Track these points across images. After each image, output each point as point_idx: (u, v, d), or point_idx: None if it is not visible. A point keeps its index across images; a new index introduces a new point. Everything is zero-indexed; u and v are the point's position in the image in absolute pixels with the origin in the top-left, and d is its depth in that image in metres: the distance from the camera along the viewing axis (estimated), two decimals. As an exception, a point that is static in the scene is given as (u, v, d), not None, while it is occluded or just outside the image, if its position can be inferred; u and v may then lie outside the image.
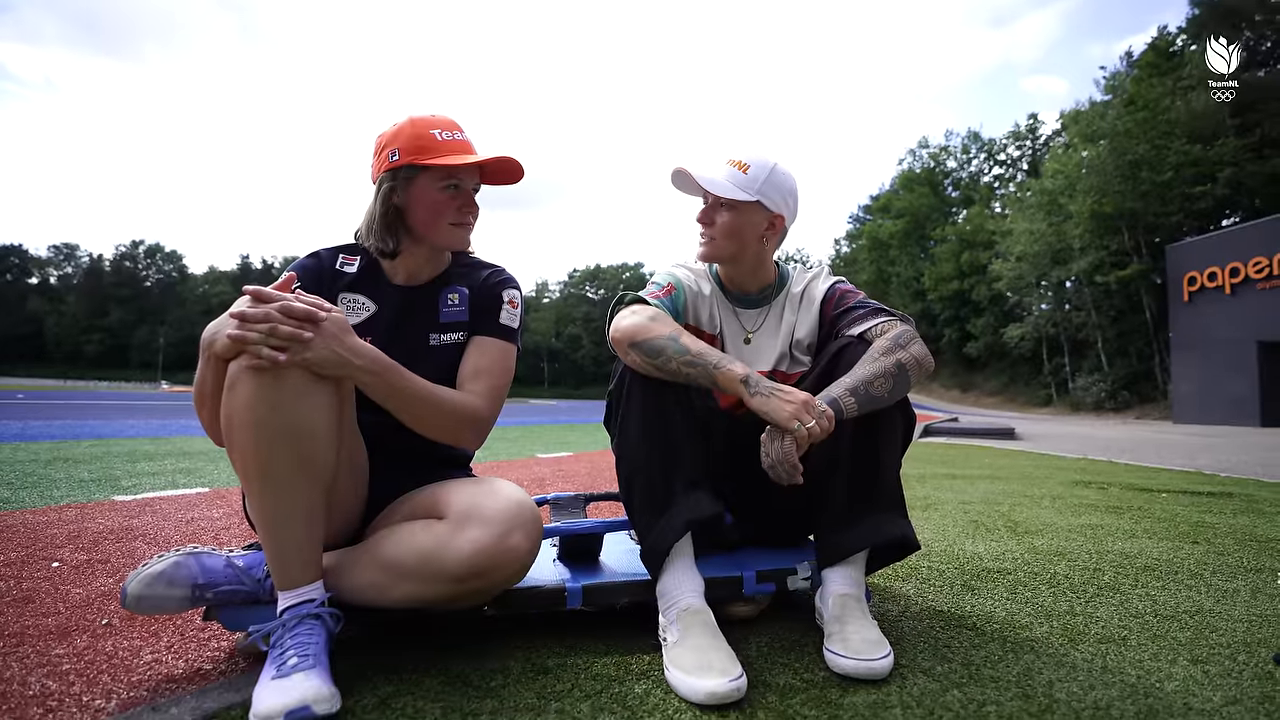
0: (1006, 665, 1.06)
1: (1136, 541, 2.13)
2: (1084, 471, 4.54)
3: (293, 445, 0.93)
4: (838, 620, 1.08)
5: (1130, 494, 3.34)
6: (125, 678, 0.98)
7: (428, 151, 1.15)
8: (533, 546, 1.00)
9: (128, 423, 7.54)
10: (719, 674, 0.92)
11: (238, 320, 0.91)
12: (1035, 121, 51.11)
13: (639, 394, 1.14)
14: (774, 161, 1.29)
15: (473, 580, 0.96)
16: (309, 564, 0.97)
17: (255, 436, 0.92)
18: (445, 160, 1.14)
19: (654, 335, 1.12)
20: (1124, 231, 30.86)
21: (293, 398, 0.93)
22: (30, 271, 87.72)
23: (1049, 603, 1.43)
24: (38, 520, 2.12)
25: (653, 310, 1.19)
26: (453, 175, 1.17)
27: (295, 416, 0.93)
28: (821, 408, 1.05)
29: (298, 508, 0.95)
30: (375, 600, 1.01)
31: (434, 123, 1.17)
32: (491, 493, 1.02)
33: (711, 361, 1.10)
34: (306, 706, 0.81)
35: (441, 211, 1.17)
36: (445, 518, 1.00)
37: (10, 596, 1.34)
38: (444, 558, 0.96)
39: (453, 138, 1.17)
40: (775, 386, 1.08)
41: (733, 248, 1.30)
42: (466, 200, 1.20)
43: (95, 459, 3.92)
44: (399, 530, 1.03)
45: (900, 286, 51.72)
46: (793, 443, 1.04)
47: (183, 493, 2.78)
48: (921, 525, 2.35)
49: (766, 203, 1.27)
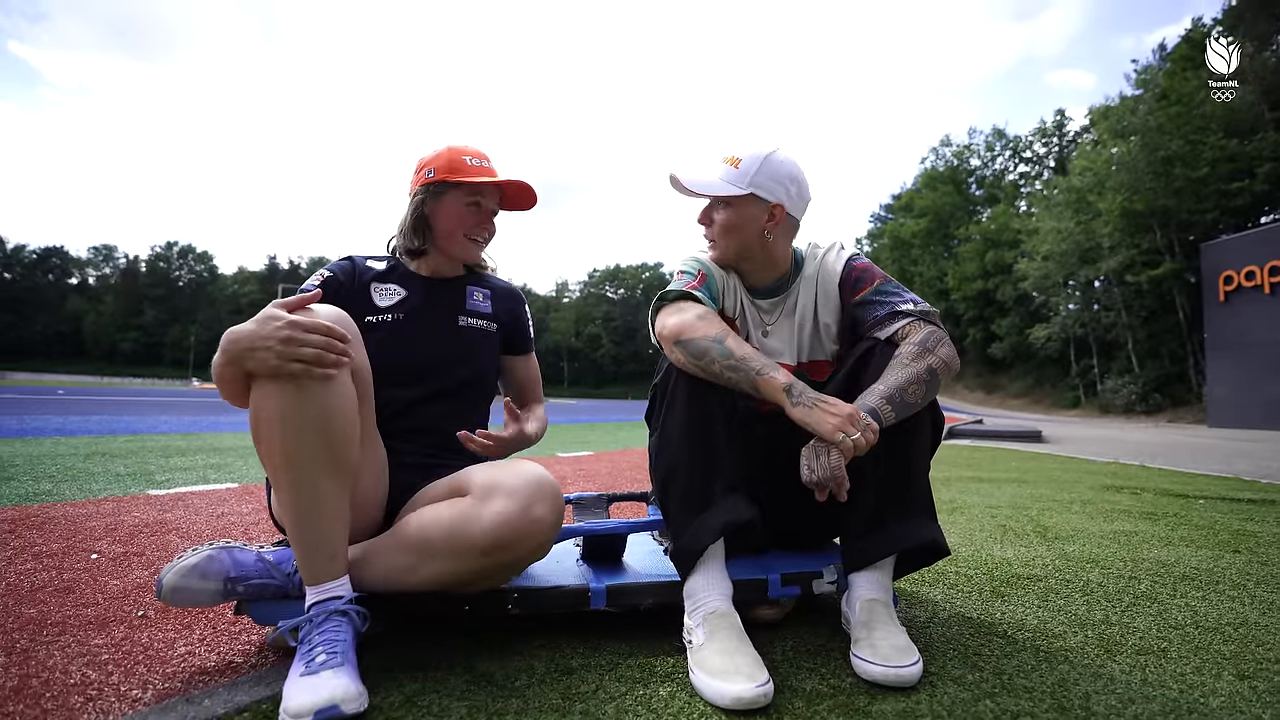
0: (1040, 675, 1.03)
1: (1173, 549, 2.07)
2: (1115, 476, 4.42)
3: (319, 438, 0.96)
4: (865, 626, 1.06)
5: (1165, 500, 3.24)
6: (160, 669, 1.00)
7: (458, 172, 1.32)
8: (556, 519, 1.02)
9: (161, 418, 7.74)
10: (746, 678, 0.91)
11: (285, 345, 0.93)
12: (1062, 118, 50.04)
13: (683, 393, 1.13)
14: (768, 150, 1.24)
15: (498, 553, 0.98)
16: (335, 559, 0.99)
17: (283, 430, 0.94)
18: (470, 179, 1.32)
19: (699, 335, 1.11)
20: (1156, 229, 29.97)
21: (318, 392, 0.96)
22: (70, 272, 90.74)
23: (1083, 611, 1.39)
24: (77, 513, 2.18)
25: (700, 309, 1.17)
26: (475, 193, 1.34)
27: (321, 410, 0.96)
28: (865, 420, 1.03)
29: (324, 502, 0.97)
30: (402, 583, 1.03)
31: (467, 151, 1.36)
32: (512, 468, 1.05)
33: (755, 368, 1.08)
34: (335, 706, 0.82)
35: (461, 224, 1.34)
36: (469, 493, 1.03)
37: (53, 587, 1.39)
38: (470, 530, 0.98)
39: (480, 164, 1.35)
40: (819, 397, 1.05)
41: (735, 245, 1.26)
42: (485, 218, 1.37)
43: (131, 454, 4.03)
44: (424, 511, 1.06)
45: (923, 286, 50.94)
46: (839, 456, 1.02)
47: (214, 488, 2.85)
48: (948, 529, 2.31)
49: (761, 193, 1.22)
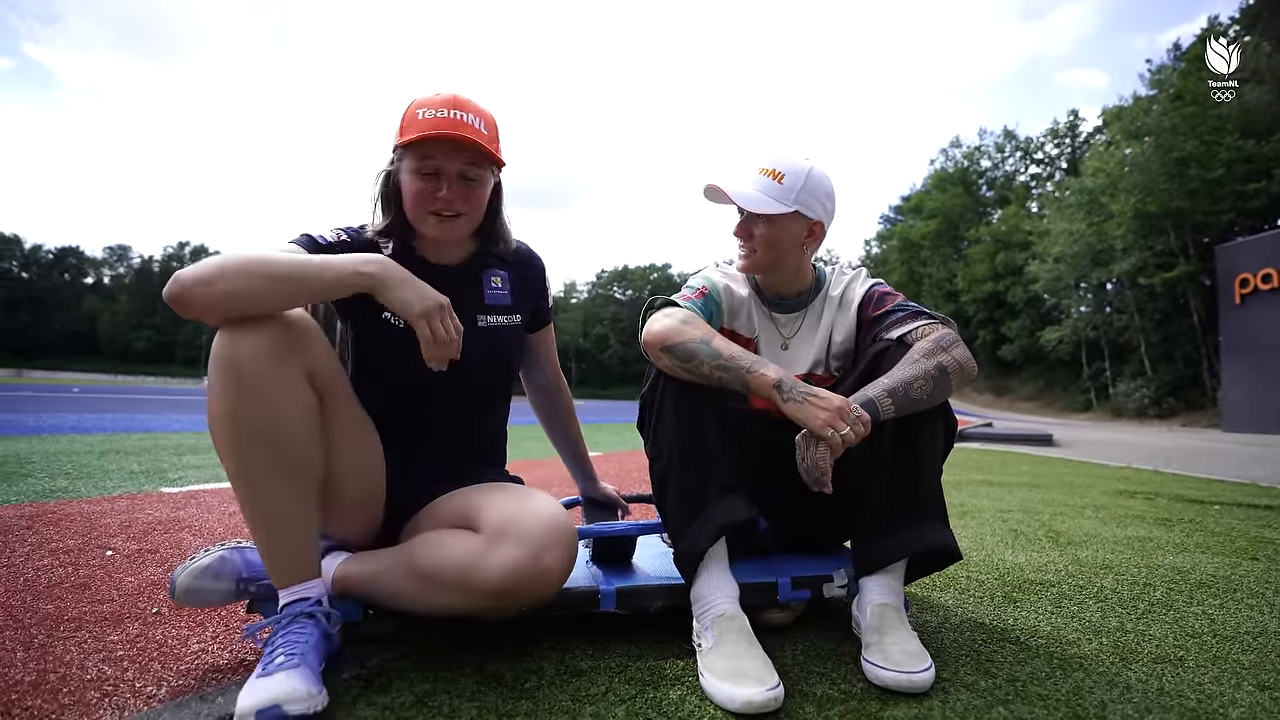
0: (1055, 683, 1.02)
1: (1189, 556, 2.04)
2: (1128, 481, 4.37)
3: (270, 444, 0.92)
4: (876, 630, 1.06)
5: (1180, 505, 3.20)
6: (175, 666, 1.01)
7: (407, 129, 1.06)
8: (566, 567, 0.97)
9: (173, 417, 7.82)
10: (756, 682, 0.91)
11: (441, 311, 0.97)
12: (1075, 118, 49.52)
13: (672, 397, 1.13)
14: (809, 165, 1.24)
15: (505, 598, 0.95)
16: (301, 563, 0.97)
17: (234, 434, 0.91)
18: (414, 136, 1.03)
19: (686, 339, 1.11)
20: (1170, 231, 29.60)
21: (254, 401, 0.90)
22: (86, 272, 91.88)
23: (1097, 618, 1.38)
24: (92, 510, 2.21)
25: (685, 313, 1.17)
26: (428, 156, 1.05)
27: (273, 416, 0.92)
28: (857, 412, 1.02)
29: (281, 508, 0.95)
30: (412, 607, 1.02)
31: (425, 101, 1.06)
32: (527, 509, 0.98)
33: (744, 365, 1.08)
34: (277, 705, 0.79)
35: (419, 198, 1.07)
36: (480, 530, 0.98)
37: (70, 583, 1.40)
38: (478, 574, 0.94)
39: (436, 115, 1.03)
40: (809, 391, 1.05)
41: (772, 258, 1.27)
42: (451, 187, 1.06)
43: (144, 451, 4.07)
44: (434, 539, 1.02)
45: (932, 288, 50.58)
46: (826, 449, 1.02)
47: (224, 486, 2.87)
48: (958, 534, 2.28)
49: (805, 210, 1.23)
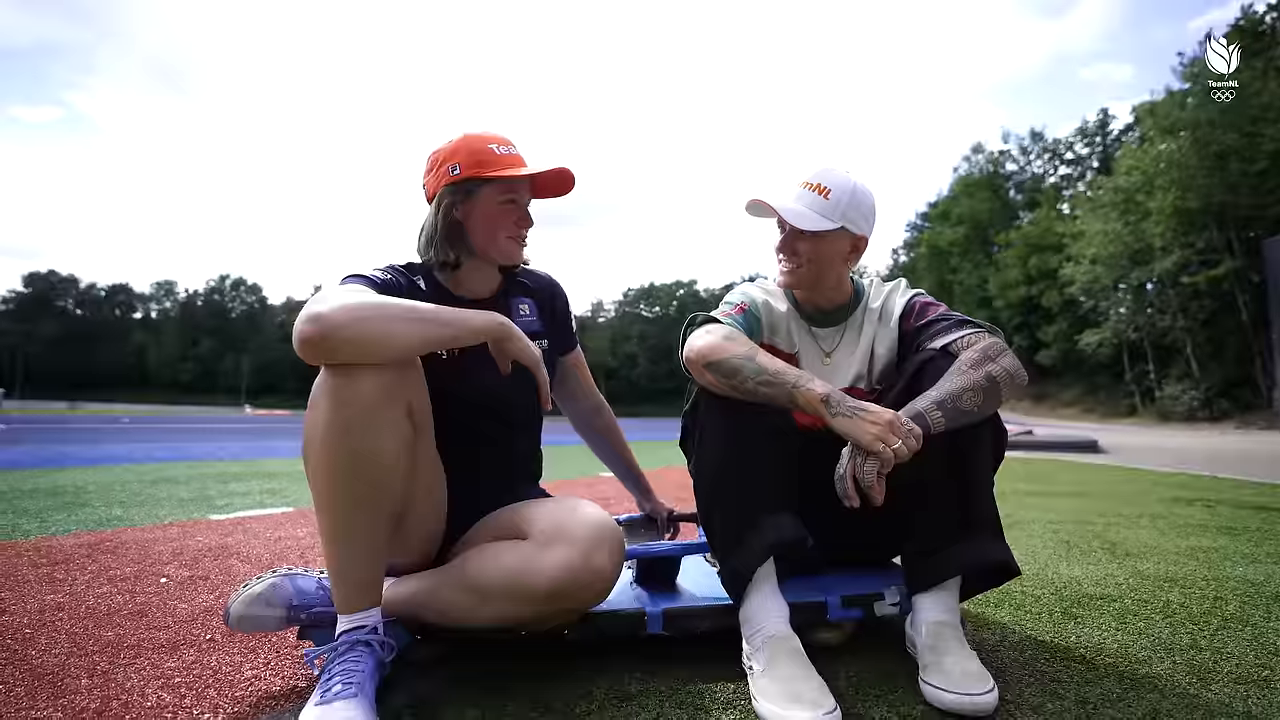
0: (1128, 705, 0.97)
1: (1261, 567, 1.93)
2: (1185, 487, 4.17)
3: (364, 476, 0.93)
4: (933, 650, 1.02)
5: (1244, 513, 3.03)
6: (229, 692, 1.03)
7: (488, 165, 1.16)
8: (616, 566, 0.99)
9: (219, 445, 8.08)
10: (811, 706, 0.88)
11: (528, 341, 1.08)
12: (1105, 116, 48.44)
13: (716, 415, 1.12)
14: (853, 181, 1.23)
15: (558, 601, 0.96)
16: (368, 589, 0.98)
17: (331, 467, 0.92)
18: (507, 173, 1.16)
19: (729, 354, 1.09)
20: (1212, 227, 28.57)
21: (362, 433, 0.92)
22: (135, 307, 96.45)
23: (1167, 635, 1.30)
24: (146, 537, 2.28)
25: (726, 329, 1.16)
26: (512, 189, 1.19)
27: (365, 451, 0.92)
28: (909, 426, 0.99)
29: (361, 532, 0.95)
30: (463, 620, 1.02)
31: (490, 138, 1.20)
32: (574, 512, 1.01)
33: (790, 380, 1.06)
34: None
35: (500, 225, 1.19)
36: (529, 537, 1.00)
37: (127, 610, 1.44)
38: (530, 578, 0.95)
39: (508, 152, 1.19)
40: (858, 405, 1.02)
41: (816, 274, 1.25)
42: (523, 214, 1.22)
43: (192, 479, 4.20)
44: (484, 551, 1.04)
45: (964, 295, 49.49)
46: (876, 464, 0.99)
47: (269, 512, 2.94)
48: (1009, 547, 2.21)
49: (850, 227, 1.21)
